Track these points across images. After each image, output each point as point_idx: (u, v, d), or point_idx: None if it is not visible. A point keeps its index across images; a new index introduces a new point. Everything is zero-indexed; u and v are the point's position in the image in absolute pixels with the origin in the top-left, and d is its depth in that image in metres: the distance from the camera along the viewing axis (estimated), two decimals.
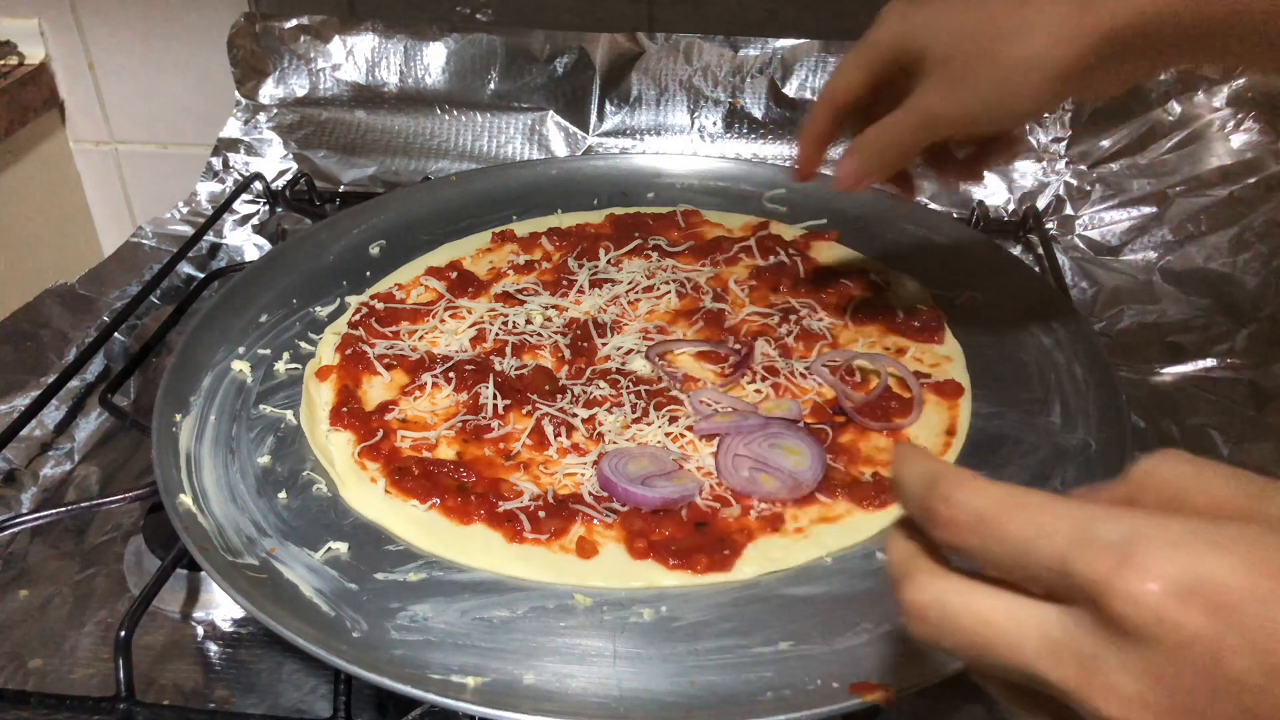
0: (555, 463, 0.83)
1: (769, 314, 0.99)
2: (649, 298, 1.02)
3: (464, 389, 0.90)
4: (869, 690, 0.62)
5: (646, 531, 0.75)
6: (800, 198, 1.19)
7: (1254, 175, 1.22)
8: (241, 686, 0.77)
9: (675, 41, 1.38)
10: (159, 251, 1.29)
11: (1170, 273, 1.20)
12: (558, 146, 1.40)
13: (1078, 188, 1.28)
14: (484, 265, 1.10)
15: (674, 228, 1.14)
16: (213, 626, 0.82)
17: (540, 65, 1.39)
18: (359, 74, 1.42)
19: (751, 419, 0.84)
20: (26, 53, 1.50)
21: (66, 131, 1.58)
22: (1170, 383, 1.05)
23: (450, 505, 0.78)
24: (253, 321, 1.00)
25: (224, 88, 1.45)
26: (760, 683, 0.65)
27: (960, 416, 0.87)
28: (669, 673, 0.66)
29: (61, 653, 0.80)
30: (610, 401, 0.88)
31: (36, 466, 0.98)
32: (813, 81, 1.36)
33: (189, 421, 0.87)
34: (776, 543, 0.75)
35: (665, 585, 0.72)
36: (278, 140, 1.42)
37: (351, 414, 0.87)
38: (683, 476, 0.80)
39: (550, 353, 0.96)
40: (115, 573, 0.87)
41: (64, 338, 1.12)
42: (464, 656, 0.67)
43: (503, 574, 0.73)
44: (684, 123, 1.39)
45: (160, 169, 1.60)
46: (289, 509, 0.80)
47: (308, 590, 0.72)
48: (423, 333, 0.99)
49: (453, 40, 1.40)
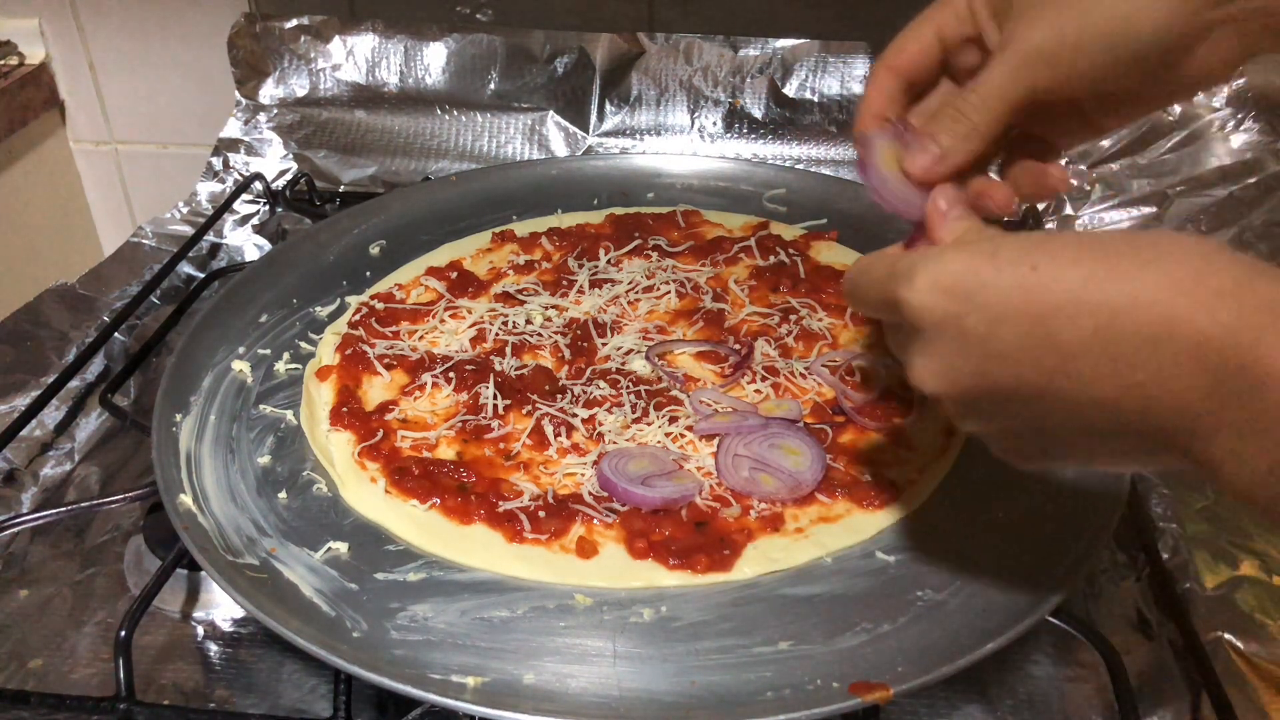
0: (555, 463, 0.83)
1: (769, 314, 0.99)
2: (649, 298, 1.02)
3: (464, 389, 0.90)
4: (869, 690, 0.62)
5: (646, 531, 0.75)
6: (800, 198, 1.19)
7: (1254, 175, 1.22)
8: (241, 686, 0.77)
9: (675, 41, 1.38)
10: (159, 251, 1.29)
11: None
12: (558, 146, 1.40)
13: (1077, 187, 1.28)
14: (484, 265, 1.10)
15: (674, 228, 1.14)
16: (213, 626, 0.82)
17: (540, 65, 1.40)
18: (359, 74, 1.42)
19: (751, 419, 0.84)
20: (26, 53, 1.50)
21: (66, 131, 1.58)
22: None
23: (450, 505, 0.78)
24: (253, 321, 1.00)
25: (224, 88, 1.45)
26: (760, 683, 0.65)
27: None
28: (669, 673, 0.66)
29: (61, 653, 0.80)
30: (610, 401, 0.88)
31: (36, 466, 0.98)
32: (813, 81, 1.36)
33: (189, 421, 0.87)
34: (776, 543, 0.75)
35: (665, 585, 0.72)
36: (278, 140, 1.42)
37: (351, 414, 0.87)
38: (683, 476, 0.80)
39: (550, 353, 0.96)
40: (115, 573, 0.87)
41: (64, 338, 1.12)
42: (464, 656, 0.67)
43: (503, 574, 0.73)
44: (684, 123, 1.39)
45: (160, 169, 1.60)
46: (289, 509, 0.80)
47: (308, 590, 0.72)
48: (423, 333, 0.99)
49: (453, 40, 1.40)
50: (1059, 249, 0.48)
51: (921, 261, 0.52)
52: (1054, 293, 0.47)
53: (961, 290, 0.50)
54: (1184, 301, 0.44)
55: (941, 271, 0.51)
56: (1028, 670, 0.77)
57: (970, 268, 0.50)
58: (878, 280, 0.55)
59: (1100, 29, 0.58)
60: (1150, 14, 0.57)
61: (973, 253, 0.50)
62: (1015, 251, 0.49)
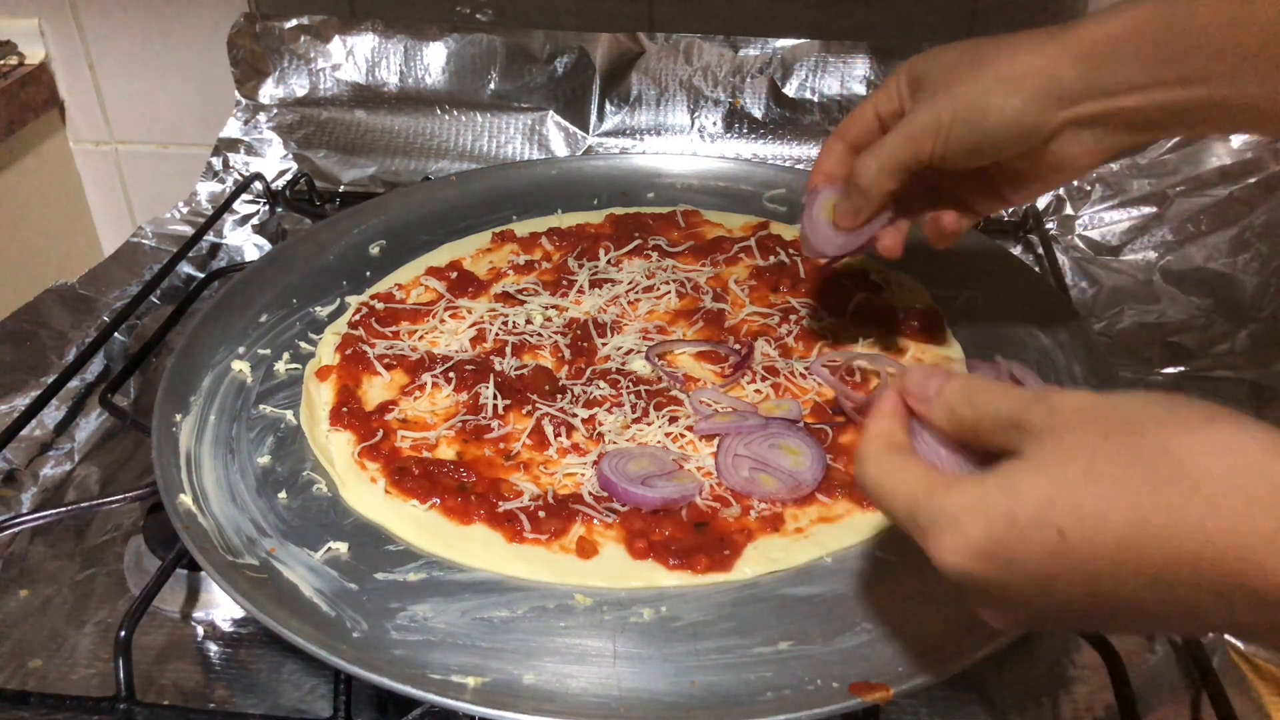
0: (555, 463, 0.83)
1: (769, 314, 0.99)
2: (649, 298, 1.02)
3: (464, 389, 0.90)
4: (869, 690, 0.62)
5: (646, 531, 0.75)
6: (800, 198, 1.18)
7: (1254, 175, 1.22)
8: (241, 686, 0.77)
9: (675, 41, 1.38)
10: (159, 251, 1.29)
11: (1170, 273, 1.20)
12: (558, 146, 1.40)
13: (1078, 188, 1.28)
14: (484, 265, 1.10)
15: (674, 228, 1.14)
16: (213, 626, 0.82)
17: (540, 65, 1.40)
18: (359, 74, 1.42)
19: (751, 419, 0.84)
20: (26, 53, 1.50)
21: (66, 131, 1.58)
22: (1170, 383, 1.05)
23: (450, 505, 0.78)
24: (253, 321, 1.00)
25: (224, 88, 1.45)
26: (760, 683, 0.65)
27: None
28: (669, 673, 0.66)
29: (61, 653, 0.80)
30: (610, 401, 0.88)
31: (36, 466, 0.98)
32: (812, 81, 1.36)
33: (189, 421, 0.87)
34: (776, 543, 0.75)
35: (665, 585, 0.72)
36: (278, 140, 1.42)
37: (351, 414, 0.87)
38: (683, 476, 0.80)
39: (550, 353, 0.96)
40: (115, 573, 0.87)
41: (64, 338, 1.12)
42: (464, 656, 0.67)
43: (503, 574, 0.73)
44: (684, 123, 1.39)
45: (160, 169, 1.60)
46: (289, 509, 0.80)
47: (308, 590, 0.72)
48: (423, 333, 0.99)
49: (453, 40, 1.40)
50: (1080, 499, 0.46)
51: (943, 521, 0.51)
52: (1093, 561, 0.46)
53: (994, 559, 0.49)
54: (1243, 551, 0.43)
55: (965, 541, 0.50)
56: (1028, 670, 0.77)
57: (992, 536, 0.49)
58: (898, 515, 0.55)
59: (965, 115, 0.72)
60: (1004, 106, 0.70)
61: (988, 516, 0.49)
62: (1031, 513, 0.48)
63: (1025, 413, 0.51)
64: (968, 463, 0.57)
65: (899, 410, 0.59)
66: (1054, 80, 0.69)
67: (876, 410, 0.59)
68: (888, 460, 0.56)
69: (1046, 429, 0.49)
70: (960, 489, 0.51)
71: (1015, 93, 0.70)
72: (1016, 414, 0.51)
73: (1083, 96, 0.69)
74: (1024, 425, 0.51)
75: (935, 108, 0.73)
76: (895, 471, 0.55)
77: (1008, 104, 0.70)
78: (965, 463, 0.57)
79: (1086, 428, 0.48)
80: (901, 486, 0.54)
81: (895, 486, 0.55)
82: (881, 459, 0.57)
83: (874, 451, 0.57)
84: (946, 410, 0.56)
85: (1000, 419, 0.53)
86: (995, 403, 0.53)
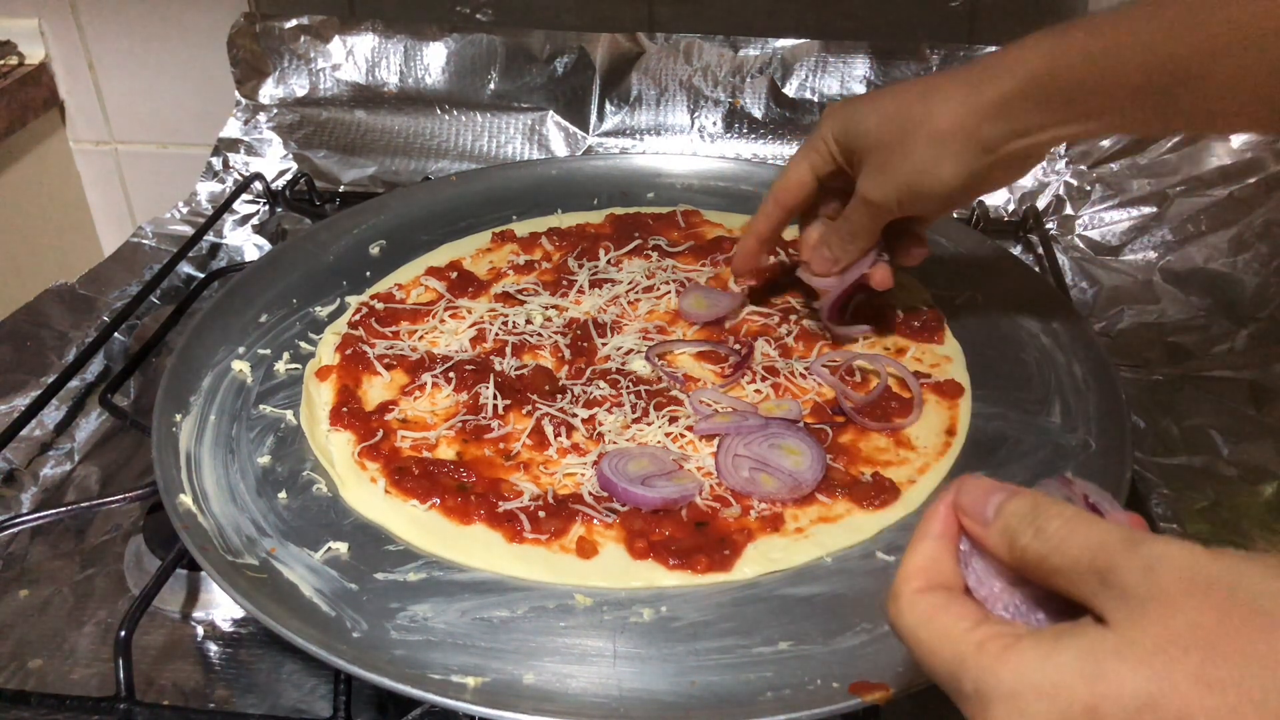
0: (555, 463, 0.83)
1: (769, 314, 0.99)
2: (649, 298, 1.02)
3: (464, 389, 0.90)
4: (868, 690, 0.62)
5: (646, 531, 0.75)
6: None
7: (1254, 175, 1.22)
8: (241, 686, 0.77)
9: (675, 41, 1.37)
10: (159, 251, 1.29)
11: (1170, 273, 1.20)
12: (558, 146, 1.40)
13: (1078, 187, 1.28)
14: (484, 265, 1.10)
15: (674, 228, 1.14)
16: (213, 626, 0.82)
17: (540, 65, 1.40)
18: (359, 74, 1.42)
19: (751, 419, 0.84)
20: (26, 53, 1.50)
21: (66, 131, 1.58)
22: (1170, 383, 1.05)
23: (450, 505, 0.78)
24: (253, 321, 1.00)
25: (224, 88, 1.45)
26: (760, 683, 0.65)
27: (960, 416, 0.87)
28: (669, 673, 0.66)
29: (61, 653, 0.80)
30: (610, 401, 0.88)
31: (36, 466, 0.98)
32: (812, 81, 1.36)
33: (189, 421, 0.87)
34: (776, 543, 0.75)
35: (665, 585, 0.72)
36: (278, 140, 1.42)
37: (351, 414, 0.87)
38: (683, 476, 0.80)
39: (550, 353, 0.96)
40: (115, 573, 0.87)
41: (64, 338, 1.12)
42: (464, 656, 0.67)
43: (503, 574, 0.73)
44: (684, 123, 1.39)
45: (160, 169, 1.60)
46: (289, 509, 0.80)
47: (308, 590, 0.72)
48: (423, 333, 0.99)
49: (453, 40, 1.40)
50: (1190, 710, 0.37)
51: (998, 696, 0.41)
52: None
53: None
54: None
55: (1012, 708, 0.41)
56: None
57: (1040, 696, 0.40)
58: (938, 674, 0.45)
59: (910, 190, 0.80)
60: (940, 173, 0.78)
61: (1060, 704, 0.40)
62: (1120, 714, 0.38)
63: (1113, 562, 0.41)
64: (1027, 603, 0.45)
65: (950, 532, 0.48)
66: (975, 136, 0.76)
67: (922, 530, 0.49)
68: (928, 601, 0.46)
69: (1146, 595, 0.39)
70: (1022, 656, 0.41)
71: (945, 156, 0.77)
72: (1101, 563, 0.41)
73: (1004, 142, 0.76)
74: (1112, 581, 0.40)
75: (883, 189, 0.81)
76: (939, 617, 0.45)
77: (942, 170, 0.78)
78: (1025, 603, 0.45)
79: (1202, 607, 0.38)
80: (945, 640, 0.44)
81: (938, 637, 0.45)
82: (921, 600, 0.46)
83: (913, 590, 0.47)
84: (1007, 537, 0.45)
85: (1079, 563, 0.42)
86: (1072, 539, 0.43)
